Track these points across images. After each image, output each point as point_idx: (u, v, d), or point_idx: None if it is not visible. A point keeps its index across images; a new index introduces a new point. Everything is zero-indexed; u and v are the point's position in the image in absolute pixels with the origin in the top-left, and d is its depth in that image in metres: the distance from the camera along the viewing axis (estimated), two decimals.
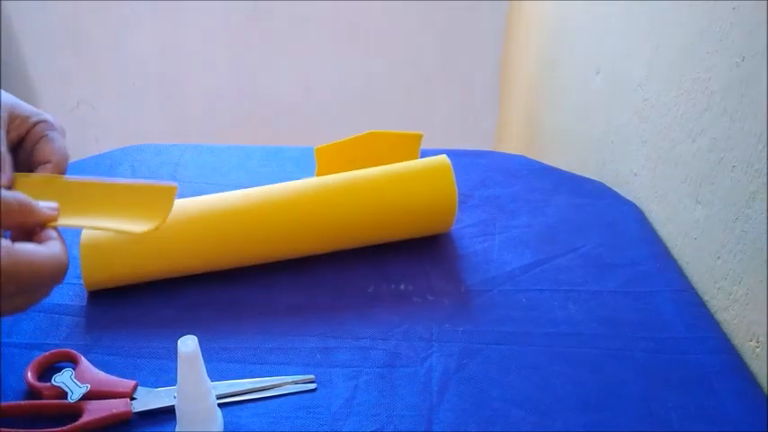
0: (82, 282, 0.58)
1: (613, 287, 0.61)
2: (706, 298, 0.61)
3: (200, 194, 0.63)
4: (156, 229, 0.50)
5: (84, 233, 0.58)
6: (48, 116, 0.54)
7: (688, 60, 0.65)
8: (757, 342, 0.54)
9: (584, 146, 0.93)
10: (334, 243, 0.63)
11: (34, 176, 0.54)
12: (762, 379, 0.53)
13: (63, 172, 0.53)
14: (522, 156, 0.84)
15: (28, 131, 0.53)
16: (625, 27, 0.80)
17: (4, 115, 0.52)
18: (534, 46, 1.21)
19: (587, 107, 0.93)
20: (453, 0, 1.40)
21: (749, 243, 0.55)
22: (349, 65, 1.48)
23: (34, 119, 0.53)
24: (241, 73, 1.49)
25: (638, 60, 0.76)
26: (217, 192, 0.64)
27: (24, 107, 0.53)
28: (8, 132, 0.52)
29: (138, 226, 0.51)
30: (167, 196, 0.52)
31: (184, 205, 0.61)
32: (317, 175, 0.66)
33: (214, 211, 0.60)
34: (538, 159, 0.83)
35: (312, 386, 0.51)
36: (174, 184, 0.52)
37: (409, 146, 0.66)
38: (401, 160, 0.65)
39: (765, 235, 0.52)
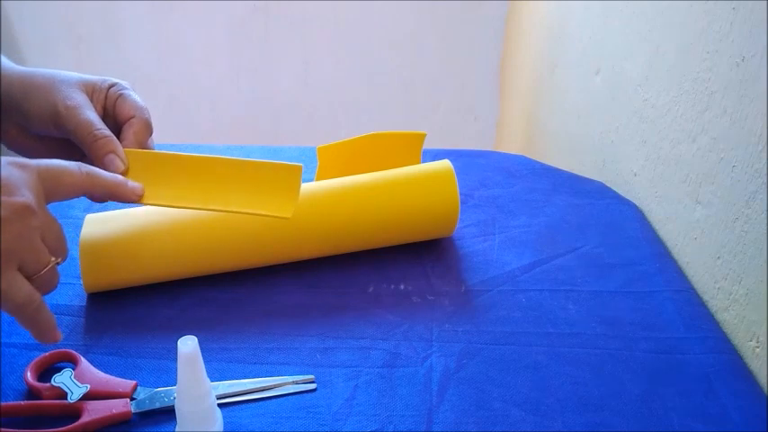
0: (82, 284, 0.58)
1: (613, 287, 0.61)
2: (706, 298, 0.61)
3: None
4: (290, 217, 0.50)
5: (84, 237, 0.58)
6: (112, 78, 0.55)
7: (688, 60, 0.65)
8: (757, 342, 0.54)
9: (585, 146, 0.93)
10: (334, 248, 0.63)
11: (144, 153, 0.54)
12: (762, 379, 0.53)
13: (149, 123, 0.54)
14: (521, 156, 0.84)
15: (106, 98, 0.54)
16: (625, 27, 0.80)
17: (84, 95, 0.52)
18: (534, 46, 1.21)
19: (587, 107, 0.93)
20: (453, 0, 1.40)
21: (749, 243, 0.55)
22: (349, 64, 1.48)
23: (106, 84, 0.54)
24: (241, 73, 1.49)
25: (638, 60, 0.76)
26: None
27: (90, 78, 0.54)
28: (94, 108, 0.53)
29: (270, 209, 0.50)
30: (294, 176, 0.51)
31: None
32: (318, 174, 0.66)
33: (215, 215, 0.60)
34: (538, 159, 0.83)
35: (312, 386, 0.51)
36: (300, 164, 0.52)
37: (411, 145, 0.66)
38: (403, 160, 0.65)
39: (765, 235, 0.52)
